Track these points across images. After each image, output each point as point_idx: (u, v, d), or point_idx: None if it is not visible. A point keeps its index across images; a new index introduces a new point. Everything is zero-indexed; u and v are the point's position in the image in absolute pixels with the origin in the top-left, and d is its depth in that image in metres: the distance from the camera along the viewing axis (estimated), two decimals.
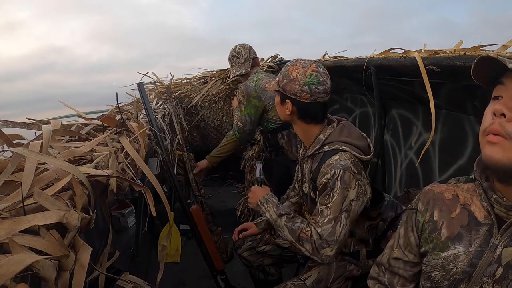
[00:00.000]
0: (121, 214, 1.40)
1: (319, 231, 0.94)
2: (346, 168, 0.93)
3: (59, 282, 0.44)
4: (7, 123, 0.80)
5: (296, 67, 1.02)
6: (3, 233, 0.40)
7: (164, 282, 0.87)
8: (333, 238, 0.92)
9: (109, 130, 0.95)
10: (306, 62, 1.02)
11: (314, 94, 1.00)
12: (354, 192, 0.94)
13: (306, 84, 0.99)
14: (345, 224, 0.93)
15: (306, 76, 0.99)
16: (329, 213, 0.93)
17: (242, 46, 1.96)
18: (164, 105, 2.16)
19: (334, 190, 0.93)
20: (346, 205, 0.93)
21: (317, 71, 1.00)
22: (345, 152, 0.97)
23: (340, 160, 0.95)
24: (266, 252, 1.30)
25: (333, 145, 1.01)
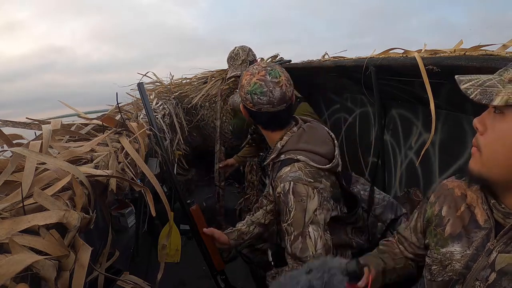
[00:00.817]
0: (121, 214, 1.40)
1: (290, 252, 0.88)
2: (296, 180, 0.88)
3: (59, 282, 0.44)
4: (7, 123, 0.80)
5: (247, 73, 0.97)
6: (3, 233, 0.40)
7: (164, 282, 0.87)
8: (307, 253, 0.86)
9: (109, 130, 0.95)
10: (257, 68, 0.96)
11: (256, 104, 0.95)
12: (315, 201, 0.88)
13: (249, 92, 0.95)
14: (318, 237, 0.86)
15: (250, 84, 0.95)
16: (292, 230, 0.88)
17: (241, 48, 1.99)
18: (164, 105, 2.17)
19: (289, 205, 0.88)
20: (310, 217, 0.87)
21: (263, 79, 0.93)
22: (298, 162, 0.92)
23: (291, 172, 0.90)
24: (265, 250, 1.30)
25: (289, 154, 0.95)
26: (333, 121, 2.62)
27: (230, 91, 2.92)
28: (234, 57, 1.98)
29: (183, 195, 1.19)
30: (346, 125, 2.42)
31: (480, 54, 0.87)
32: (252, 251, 1.31)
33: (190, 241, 1.32)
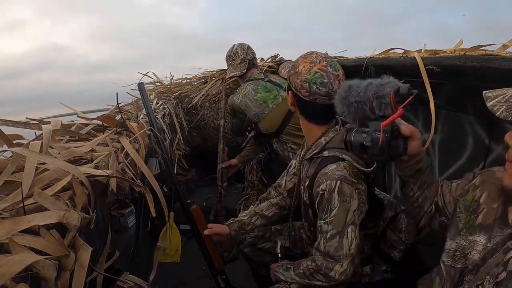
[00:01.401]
0: (121, 214, 1.40)
1: (323, 250, 0.88)
2: (343, 179, 0.87)
3: (59, 282, 0.44)
4: (7, 122, 0.81)
5: (305, 60, 0.96)
6: (3, 233, 0.40)
7: (164, 282, 0.87)
8: (340, 252, 0.86)
9: (109, 130, 0.95)
10: (318, 57, 0.96)
11: (313, 93, 0.93)
12: (356, 202, 0.88)
13: (307, 81, 0.93)
14: (354, 237, 0.87)
15: (310, 72, 0.93)
16: (330, 228, 0.88)
17: (239, 45, 1.92)
18: (164, 105, 2.17)
19: (332, 204, 0.87)
20: (351, 217, 0.87)
21: (324, 70, 0.93)
22: (344, 161, 0.90)
23: (337, 170, 0.89)
24: (267, 249, 1.29)
25: (333, 151, 0.93)
26: None
27: (231, 91, 2.92)
28: (233, 56, 1.91)
29: (183, 194, 1.19)
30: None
31: (480, 54, 0.87)
32: (253, 251, 1.30)
33: (190, 241, 1.32)
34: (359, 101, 0.74)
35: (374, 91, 0.71)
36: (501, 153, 1.21)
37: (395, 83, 0.70)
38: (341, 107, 0.77)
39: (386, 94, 0.70)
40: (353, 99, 0.74)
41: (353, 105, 0.74)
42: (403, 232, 1.11)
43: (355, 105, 0.74)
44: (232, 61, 1.91)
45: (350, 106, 0.75)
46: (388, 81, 0.71)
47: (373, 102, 0.72)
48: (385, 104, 0.70)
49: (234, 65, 1.91)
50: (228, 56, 1.94)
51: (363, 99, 0.73)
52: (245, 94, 1.82)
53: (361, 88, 0.74)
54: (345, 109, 0.76)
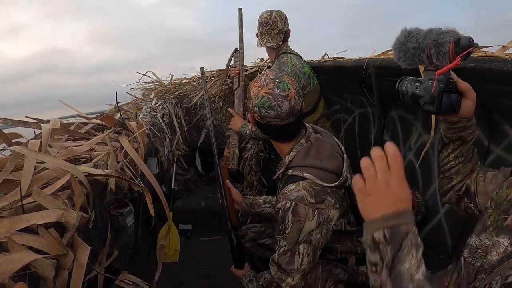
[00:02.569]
0: (120, 214, 1.40)
1: (276, 261, 0.92)
2: (299, 200, 0.88)
3: (58, 281, 0.44)
4: (7, 121, 0.80)
5: (255, 84, 0.96)
6: (2, 232, 0.40)
7: (163, 281, 0.87)
8: (292, 266, 0.90)
9: (108, 130, 0.95)
10: (265, 81, 0.95)
11: (264, 117, 0.94)
12: (314, 222, 0.89)
13: (257, 106, 0.94)
14: (306, 254, 0.89)
15: (258, 97, 0.93)
16: (283, 244, 0.90)
17: (278, 14, 1.73)
18: (164, 105, 2.16)
19: (286, 222, 0.89)
20: (304, 236, 0.89)
21: (271, 93, 0.92)
22: (304, 180, 0.91)
23: (295, 191, 0.90)
24: (267, 245, 1.31)
25: (296, 170, 0.95)
26: (333, 121, 2.61)
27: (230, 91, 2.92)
28: (271, 25, 1.71)
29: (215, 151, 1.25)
30: (346, 125, 2.42)
31: (480, 55, 0.87)
32: (254, 246, 1.32)
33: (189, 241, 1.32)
34: (417, 48, 0.69)
35: (434, 38, 0.67)
36: (501, 154, 1.21)
37: (456, 33, 0.66)
38: (398, 53, 0.73)
39: (445, 42, 0.66)
40: (411, 45, 0.70)
41: (411, 51, 0.70)
42: None
43: (412, 51, 0.70)
44: (270, 29, 1.73)
45: (407, 52, 0.71)
46: (449, 30, 0.67)
47: (432, 49, 0.67)
48: (443, 53, 0.66)
49: (271, 35, 1.73)
50: (264, 23, 1.73)
51: (421, 46, 0.69)
52: (294, 65, 1.71)
53: (421, 35, 0.69)
54: (401, 55, 0.72)
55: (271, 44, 1.74)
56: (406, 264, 0.50)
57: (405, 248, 0.51)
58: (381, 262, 0.53)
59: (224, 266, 1.31)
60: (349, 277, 1.07)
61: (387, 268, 0.52)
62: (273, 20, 1.72)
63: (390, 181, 0.56)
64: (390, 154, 0.56)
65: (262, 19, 1.75)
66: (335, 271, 1.07)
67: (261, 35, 1.76)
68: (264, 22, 1.74)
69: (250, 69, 2.72)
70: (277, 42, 1.74)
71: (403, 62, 0.73)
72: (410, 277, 0.50)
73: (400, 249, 0.51)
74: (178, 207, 2.22)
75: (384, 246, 0.52)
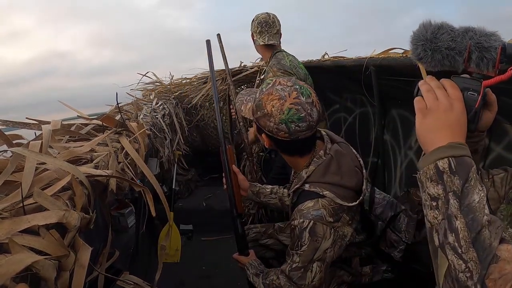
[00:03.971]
0: (121, 214, 1.40)
1: (287, 274, 0.89)
2: (317, 220, 0.83)
3: (59, 282, 0.44)
4: (7, 123, 0.81)
5: (271, 97, 0.83)
6: (3, 233, 0.40)
7: (164, 282, 0.87)
8: (303, 282, 0.87)
9: (109, 130, 0.95)
10: (284, 90, 0.83)
11: (293, 133, 0.84)
12: (329, 241, 0.85)
13: (284, 122, 0.82)
14: (319, 272, 0.87)
15: (282, 112, 0.82)
16: (297, 260, 0.87)
17: (274, 15, 1.77)
18: (164, 105, 2.17)
19: (302, 240, 0.85)
20: (319, 255, 0.85)
21: (298, 103, 0.82)
22: (323, 198, 0.85)
23: (313, 209, 0.84)
24: (268, 245, 1.30)
25: (314, 186, 0.88)
26: (333, 121, 2.61)
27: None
28: (271, 24, 1.75)
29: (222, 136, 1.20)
30: (346, 125, 2.42)
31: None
32: (255, 246, 1.32)
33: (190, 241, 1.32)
34: (452, 48, 0.55)
35: (477, 40, 0.54)
36: (501, 153, 1.21)
37: (499, 37, 0.55)
38: (422, 51, 0.58)
39: (492, 47, 0.54)
40: (444, 44, 0.56)
41: (442, 52, 0.56)
42: (403, 232, 1.11)
43: (445, 52, 0.56)
44: (269, 28, 1.76)
45: (436, 52, 0.57)
46: (493, 33, 0.55)
47: (473, 53, 0.54)
48: (488, 60, 0.54)
49: (270, 33, 1.77)
50: (264, 22, 1.76)
51: (458, 47, 0.55)
52: (291, 60, 1.75)
53: (457, 33, 0.56)
54: (427, 54, 0.58)
55: (273, 42, 1.76)
56: (475, 196, 0.45)
57: (472, 180, 0.46)
58: (444, 195, 0.46)
59: (225, 266, 1.31)
60: (353, 278, 1.07)
61: (455, 198, 0.45)
62: (272, 20, 1.76)
63: (454, 103, 0.51)
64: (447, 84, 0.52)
65: (261, 19, 1.77)
66: (339, 273, 1.07)
67: (260, 34, 1.78)
68: (263, 22, 1.76)
69: (250, 69, 2.71)
70: (277, 40, 1.78)
71: (427, 62, 0.60)
72: (483, 208, 0.44)
73: (467, 180, 0.46)
74: (179, 207, 2.22)
75: (449, 176, 0.46)
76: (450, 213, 0.45)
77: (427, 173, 0.48)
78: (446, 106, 0.51)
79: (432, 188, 0.48)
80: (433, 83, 0.53)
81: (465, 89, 0.54)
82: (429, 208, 0.48)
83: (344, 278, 1.06)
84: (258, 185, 1.24)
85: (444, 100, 0.51)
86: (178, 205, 2.15)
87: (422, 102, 0.52)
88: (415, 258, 1.16)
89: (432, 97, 0.52)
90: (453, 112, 0.50)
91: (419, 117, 0.52)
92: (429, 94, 0.52)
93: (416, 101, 0.53)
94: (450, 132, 0.50)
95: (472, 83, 0.54)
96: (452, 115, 0.50)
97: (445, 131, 0.50)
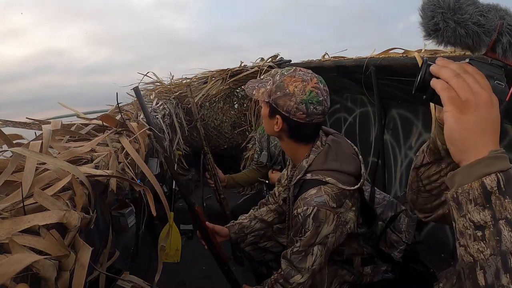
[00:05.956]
0: (121, 214, 1.40)
1: (288, 258, 0.91)
2: (321, 206, 0.86)
3: (59, 282, 0.44)
4: (7, 123, 0.81)
5: (294, 79, 0.88)
6: (3, 233, 0.40)
7: (164, 282, 0.87)
8: (303, 265, 0.89)
9: (109, 130, 0.95)
10: (306, 75, 0.89)
11: (310, 115, 0.88)
12: (332, 226, 0.87)
13: (304, 102, 0.87)
14: (319, 255, 0.89)
15: (305, 92, 0.87)
16: (298, 245, 0.89)
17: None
18: (164, 105, 2.16)
19: (306, 227, 0.87)
20: (320, 239, 0.88)
21: (318, 87, 0.88)
22: (326, 185, 0.88)
23: (316, 196, 0.87)
24: (267, 248, 1.30)
25: (316, 174, 0.90)
26: (333, 121, 2.62)
27: (230, 91, 2.92)
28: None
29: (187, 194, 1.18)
30: (346, 125, 2.42)
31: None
32: (254, 249, 1.31)
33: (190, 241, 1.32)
34: (481, 25, 0.44)
35: (509, 22, 0.44)
36: None
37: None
38: (441, 21, 0.45)
39: None
40: (471, 18, 0.44)
41: (468, 27, 0.45)
42: (403, 232, 1.12)
43: (472, 27, 0.44)
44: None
45: (459, 26, 0.45)
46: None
47: (504, 35, 0.44)
48: None
49: None
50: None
51: (488, 24, 0.44)
52: None
53: (486, 8, 0.45)
54: (448, 26, 0.45)
55: None
56: None
57: None
58: (493, 223, 0.36)
59: None
60: (354, 278, 1.07)
61: (510, 228, 0.35)
62: None
63: (493, 96, 0.40)
64: (471, 70, 0.41)
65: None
66: (341, 272, 1.06)
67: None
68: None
69: (250, 69, 2.72)
70: None
71: (443, 37, 0.47)
72: None
73: None
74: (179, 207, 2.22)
75: (498, 198, 0.36)
76: (504, 249, 0.35)
77: (470, 193, 0.37)
78: (487, 100, 0.39)
79: (477, 214, 0.37)
80: (455, 66, 0.41)
81: (489, 76, 0.44)
82: (472, 239, 0.38)
83: (346, 278, 1.06)
84: (235, 222, 1.23)
85: (483, 92, 0.39)
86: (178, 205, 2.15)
87: (452, 91, 0.40)
88: (415, 258, 1.16)
89: (465, 85, 0.40)
90: (494, 109, 0.40)
91: (454, 111, 0.40)
92: (460, 81, 0.40)
93: (442, 88, 0.40)
94: (492, 135, 0.39)
95: (495, 71, 0.45)
96: (494, 113, 0.39)
97: (489, 135, 0.39)
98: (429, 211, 0.68)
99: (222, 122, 3.01)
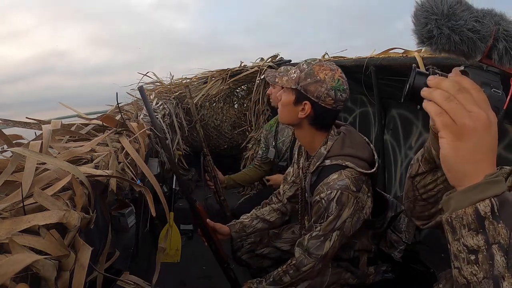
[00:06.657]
0: (121, 214, 1.40)
1: (305, 244, 0.93)
2: (344, 189, 0.89)
3: (59, 282, 0.44)
4: (7, 122, 0.81)
5: (323, 68, 0.94)
6: (3, 233, 0.40)
7: (164, 282, 0.87)
8: (320, 252, 0.91)
9: (109, 130, 0.95)
10: (332, 65, 0.96)
11: (337, 101, 0.93)
12: (351, 210, 0.90)
13: (333, 89, 0.92)
14: (337, 241, 0.91)
15: (334, 80, 0.93)
16: (318, 229, 0.91)
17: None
18: (164, 105, 2.17)
19: (330, 211, 0.90)
20: (340, 224, 0.90)
21: (343, 77, 0.95)
22: (346, 169, 0.91)
23: (339, 180, 0.90)
24: (265, 254, 1.28)
25: (335, 159, 0.94)
26: None
27: (230, 91, 2.92)
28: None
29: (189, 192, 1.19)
30: None
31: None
32: (251, 257, 1.29)
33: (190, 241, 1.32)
34: (476, 31, 0.43)
35: (505, 28, 0.43)
36: (501, 153, 1.21)
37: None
38: (435, 27, 0.44)
39: None
40: (465, 25, 0.43)
41: (463, 33, 0.43)
42: (403, 232, 1.11)
43: (467, 34, 0.43)
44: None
45: (454, 33, 0.44)
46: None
47: (499, 41, 0.43)
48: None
49: None
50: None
51: (484, 30, 0.43)
52: None
53: (480, 13, 0.44)
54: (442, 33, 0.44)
55: None
56: None
57: None
58: (486, 247, 0.36)
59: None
60: (358, 280, 1.06)
61: (502, 254, 0.35)
62: None
63: (490, 115, 0.38)
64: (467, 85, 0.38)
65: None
66: (345, 276, 1.06)
67: None
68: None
69: (250, 69, 2.72)
70: None
71: (437, 44, 0.45)
72: None
73: None
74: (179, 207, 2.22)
75: (492, 223, 0.36)
76: (496, 273, 0.35)
77: (464, 218, 0.37)
78: (485, 122, 0.38)
79: (470, 239, 0.37)
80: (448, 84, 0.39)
81: (485, 84, 0.43)
82: (466, 262, 0.38)
83: (349, 281, 1.05)
84: (236, 221, 1.23)
85: (480, 114, 0.38)
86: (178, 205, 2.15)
87: (446, 117, 0.38)
88: (415, 258, 1.16)
89: (459, 108, 0.38)
90: (492, 130, 0.38)
91: (449, 138, 0.38)
92: (452, 104, 0.38)
93: (435, 113, 0.39)
94: (488, 159, 0.38)
95: (491, 78, 0.44)
96: (492, 135, 0.38)
97: (487, 160, 0.38)
98: (427, 219, 0.68)
99: (222, 122, 3.01)
